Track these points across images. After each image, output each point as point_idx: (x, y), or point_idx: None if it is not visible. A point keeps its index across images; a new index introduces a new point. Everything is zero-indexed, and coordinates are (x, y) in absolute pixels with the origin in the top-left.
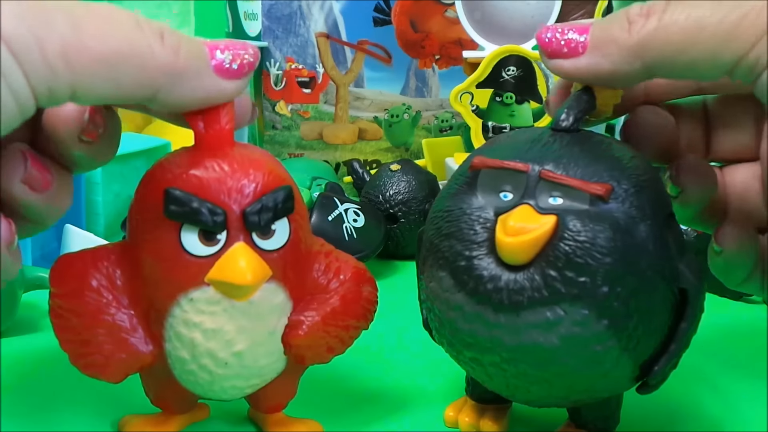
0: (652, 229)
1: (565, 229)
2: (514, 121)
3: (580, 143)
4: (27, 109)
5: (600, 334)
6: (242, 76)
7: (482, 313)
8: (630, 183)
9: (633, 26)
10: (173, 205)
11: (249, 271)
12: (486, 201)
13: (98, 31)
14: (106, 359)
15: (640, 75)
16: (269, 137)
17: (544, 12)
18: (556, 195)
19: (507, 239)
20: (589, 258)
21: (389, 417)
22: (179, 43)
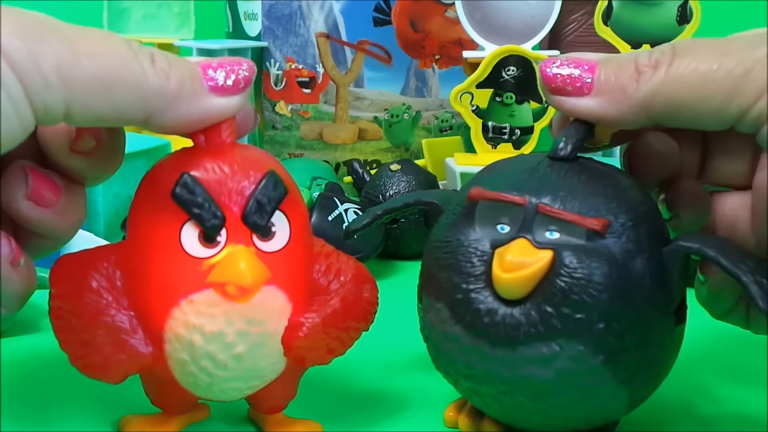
0: (648, 263)
1: (562, 264)
2: (514, 121)
3: (578, 174)
4: (27, 122)
5: (596, 368)
6: (239, 92)
7: (479, 346)
8: (627, 216)
9: (642, 77)
10: (182, 189)
11: (249, 273)
12: (483, 233)
13: (92, 50)
14: (106, 360)
15: (643, 123)
16: (269, 137)
17: (544, 12)
18: (552, 229)
19: (503, 275)
20: (585, 295)
21: (389, 418)
22: (169, 67)
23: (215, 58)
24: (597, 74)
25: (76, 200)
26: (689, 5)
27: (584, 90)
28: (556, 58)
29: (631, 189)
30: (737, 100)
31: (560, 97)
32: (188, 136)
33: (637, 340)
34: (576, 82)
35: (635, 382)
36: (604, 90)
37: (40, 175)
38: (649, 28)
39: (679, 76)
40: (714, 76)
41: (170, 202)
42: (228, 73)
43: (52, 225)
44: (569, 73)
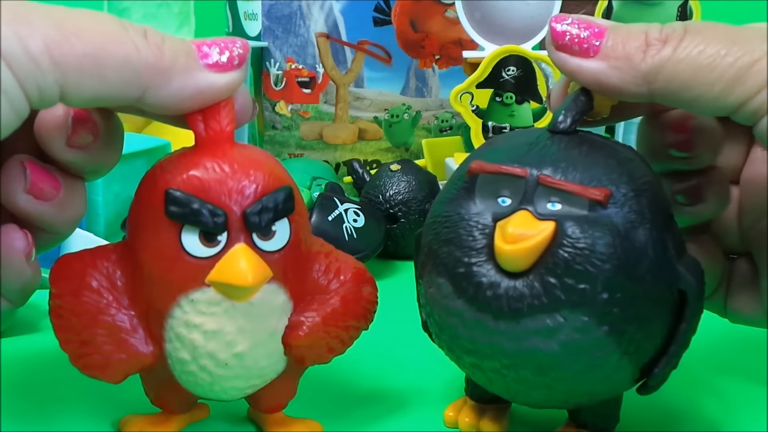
0: (651, 233)
1: (564, 235)
2: (514, 121)
3: (578, 146)
4: (20, 109)
5: (600, 340)
6: (233, 68)
7: (482, 320)
8: (629, 187)
9: (650, 49)
10: (173, 206)
11: (250, 272)
12: (484, 206)
13: (80, 28)
14: (106, 360)
15: (641, 97)
16: (269, 137)
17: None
18: (554, 200)
19: (506, 247)
20: (589, 265)
21: (389, 417)
22: (162, 41)
23: (209, 37)
24: (605, 39)
25: (76, 194)
26: (689, 5)
27: (590, 52)
28: (567, 15)
29: (632, 161)
30: (738, 90)
31: (565, 55)
32: (186, 123)
33: (641, 311)
34: (583, 43)
35: (639, 354)
36: (609, 55)
37: (38, 168)
38: None
39: (686, 55)
40: (720, 61)
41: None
42: (222, 50)
43: (52, 219)
44: (578, 32)
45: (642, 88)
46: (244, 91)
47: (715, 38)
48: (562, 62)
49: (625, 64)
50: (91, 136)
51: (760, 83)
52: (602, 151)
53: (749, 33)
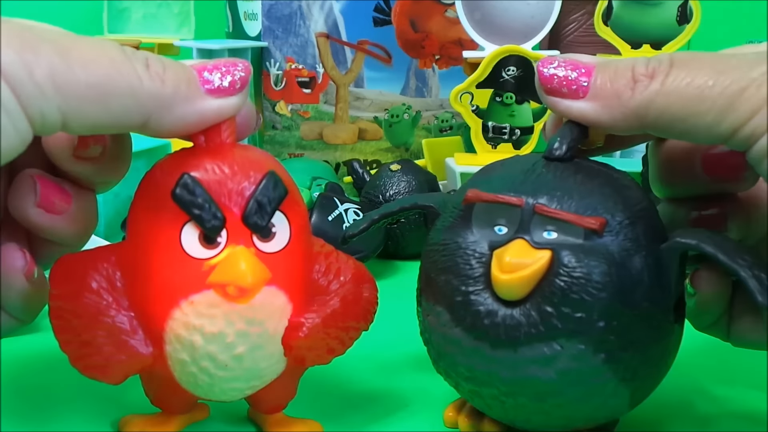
0: (647, 260)
1: (560, 264)
2: (514, 121)
3: (574, 174)
4: (24, 134)
5: (597, 367)
6: (235, 92)
7: (480, 348)
8: (624, 215)
9: (637, 86)
10: (182, 190)
11: (249, 274)
12: (481, 235)
13: (85, 57)
14: (106, 361)
15: (634, 131)
16: (269, 137)
17: (544, 12)
18: (550, 229)
19: (503, 276)
20: (585, 294)
21: (389, 417)
22: (164, 70)
23: (210, 60)
24: (593, 78)
25: (87, 206)
26: (689, 5)
27: (579, 93)
28: (553, 58)
29: (628, 188)
30: (730, 118)
31: (555, 98)
32: (188, 138)
33: (638, 338)
34: (572, 84)
35: (636, 380)
36: (599, 95)
37: (48, 182)
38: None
39: (674, 88)
40: (709, 92)
41: (170, 202)
42: (224, 75)
43: (63, 232)
44: (565, 74)
45: (633, 123)
46: (247, 104)
47: (701, 69)
48: (553, 105)
49: (615, 102)
50: (100, 148)
51: (751, 109)
52: (597, 179)
53: (734, 62)
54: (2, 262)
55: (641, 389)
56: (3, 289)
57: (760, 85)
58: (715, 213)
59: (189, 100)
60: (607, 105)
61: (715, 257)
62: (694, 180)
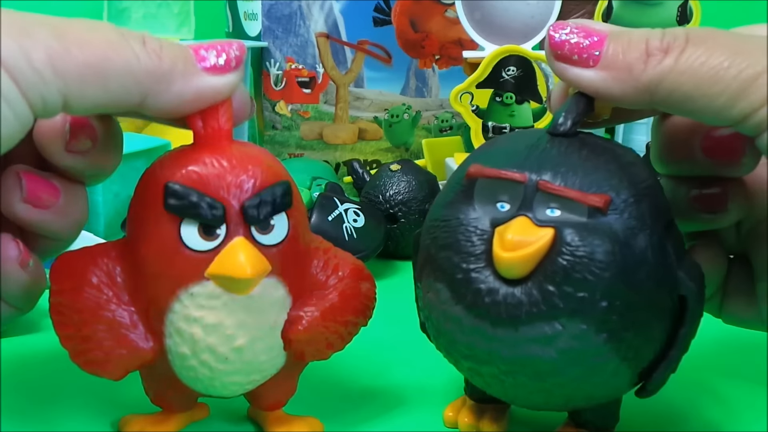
0: (651, 239)
1: (563, 243)
2: (514, 121)
3: (578, 150)
4: (25, 119)
5: (598, 347)
6: (231, 70)
7: (480, 326)
8: (629, 192)
9: (650, 60)
10: (172, 198)
11: (249, 265)
12: (483, 211)
13: (81, 39)
14: (107, 355)
15: (643, 105)
16: (269, 137)
17: (544, 12)
18: (553, 206)
19: (504, 254)
20: (588, 273)
21: (389, 415)
22: (161, 48)
23: (205, 41)
24: (605, 47)
25: (77, 200)
26: (689, 5)
27: (589, 62)
28: (565, 23)
29: (633, 165)
30: (741, 104)
31: (564, 65)
32: (185, 124)
33: (640, 317)
34: (583, 52)
35: (638, 359)
36: (610, 65)
37: (34, 177)
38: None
39: (688, 67)
40: (723, 74)
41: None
42: (219, 53)
43: (52, 225)
44: (577, 41)
45: (643, 97)
46: (241, 89)
47: (717, 49)
48: (561, 72)
49: (626, 75)
50: (90, 142)
51: (763, 98)
52: (603, 155)
53: (752, 44)
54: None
55: (643, 369)
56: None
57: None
58: (716, 192)
59: (186, 77)
60: (617, 77)
61: None
62: (694, 160)
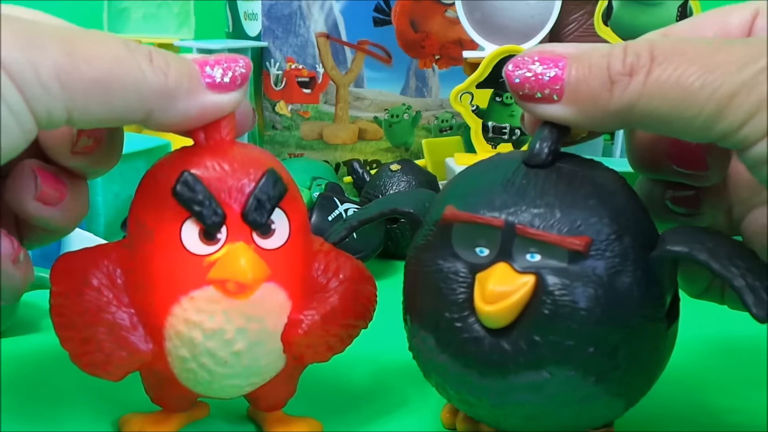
0: (635, 274)
1: (545, 291)
2: (514, 121)
3: (555, 184)
4: (29, 131)
5: (588, 389)
6: (236, 88)
7: (468, 375)
8: (611, 229)
9: (615, 87)
10: (183, 186)
11: (249, 270)
12: (462, 256)
13: (89, 53)
14: (107, 357)
15: (619, 128)
16: (269, 137)
17: (544, 12)
18: (533, 251)
19: (486, 308)
20: (572, 322)
21: (388, 416)
22: (168, 64)
23: (211, 55)
24: (566, 76)
25: (80, 195)
26: (689, 5)
27: (553, 96)
28: (522, 59)
29: (614, 194)
30: (720, 125)
31: (529, 104)
32: (188, 134)
33: (629, 353)
34: (544, 88)
35: (630, 391)
36: (574, 98)
37: (47, 174)
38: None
39: (658, 89)
40: (697, 95)
41: (171, 200)
42: (225, 70)
43: (56, 221)
44: (535, 75)
45: (615, 124)
46: (244, 102)
47: (686, 66)
48: (529, 110)
49: (592, 106)
50: (92, 140)
51: (742, 117)
52: (581, 189)
53: (722, 57)
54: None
55: (636, 395)
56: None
57: (750, 89)
58: (689, 195)
59: (191, 95)
60: (584, 109)
61: (708, 265)
62: (662, 168)
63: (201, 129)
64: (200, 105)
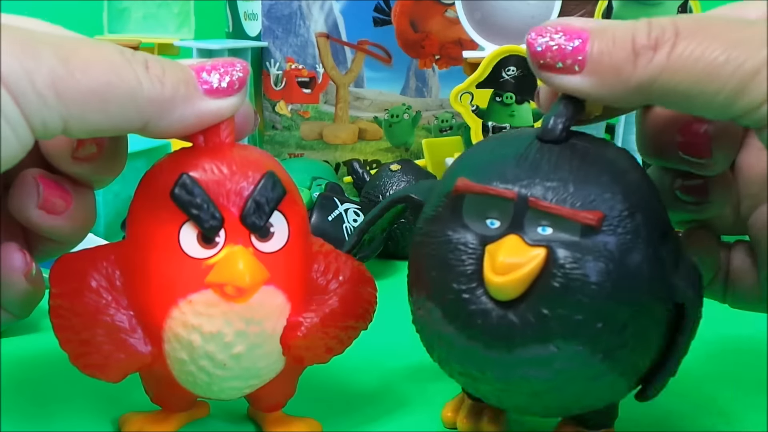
0: (646, 252)
1: (556, 264)
2: (514, 121)
3: (569, 160)
4: (25, 141)
5: (595, 365)
6: (234, 93)
7: (473, 347)
8: (623, 206)
9: (639, 60)
10: (181, 189)
11: (247, 274)
12: (472, 228)
13: (86, 63)
14: (105, 359)
15: (636, 105)
16: (269, 137)
17: (544, 12)
18: (545, 224)
19: (496, 279)
20: (582, 295)
21: (388, 416)
22: (164, 72)
23: (209, 60)
24: (589, 48)
25: (86, 204)
26: (689, 5)
27: (575, 67)
28: (544, 28)
29: (627, 172)
30: (742, 101)
31: (549, 74)
32: (187, 138)
33: (637, 332)
34: (567, 58)
35: (635, 370)
36: (596, 69)
37: (50, 183)
38: None
39: (682, 63)
40: (720, 70)
41: (169, 202)
42: (222, 75)
43: (63, 230)
44: (559, 47)
45: (636, 98)
46: (245, 105)
47: (711, 41)
48: (547, 80)
49: (614, 79)
50: (95, 146)
51: (765, 93)
52: (595, 165)
53: (747, 32)
54: (2, 263)
55: (641, 376)
56: (2, 289)
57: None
58: (698, 184)
59: (188, 102)
60: (606, 81)
61: None
62: (670, 155)
63: (200, 132)
64: (197, 112)
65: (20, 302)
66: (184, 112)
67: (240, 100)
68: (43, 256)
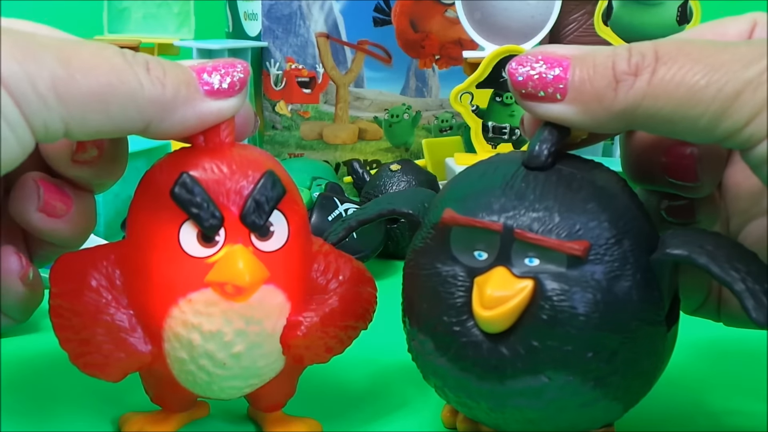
0: (635, 278)
1: (544, 296)
2: (514, 121)
3: (555, 187)
4: (26, 144)
5: (587, 393)
6: (234, 94)
7: (466, 378)
8: (610, 233)
9: (620, 86)
10: (181, 188)
11: (247, 273)
12: (461, 260)
13: (86, 65)
14: (106, 358)
15: (620, 130)
16: (269, 137)
17: (544, 12)
18: (531, 255)
19: (484, 313)
20: (571, 327)
21: (388, 416)
22: (165, 74)
23: (209, 60)
24: (570, 75)
25: (86, 208)
26: (689, 5)
27: (556, 95)
28: (525, 57)
29: (614, 197)
30: (725, 123)
31: (531, 103)
32: (187, 138)
33: (628, 357)
34: (548, 86)
35: (629, 394)
36: (578, 97)
37: (51, 186)
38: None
39: (663, 89)
40: (702, 94)
41: (169, 201)
42: (223, 77)
43: (63, 234)
44: (539, 73)
45: (619, 125)
46: (246, 106)
47: (691, 64)
48: (530, 109)
49: (597, 106)
50: (96, 150)
51: (747, 115)
52: (581, 192)
53: (727, 56)
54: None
55: (635, 398)
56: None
57: (756, 87)
58: (683, 205)
59: (189, 103)
60: (588, 108)
61: (708, 269)
62: (656, 178)
63: (200, 132)
64: (198, 113)
65: (18, 306)
66: (186, 113)
67: (241, 101)
68: (44, 260)
